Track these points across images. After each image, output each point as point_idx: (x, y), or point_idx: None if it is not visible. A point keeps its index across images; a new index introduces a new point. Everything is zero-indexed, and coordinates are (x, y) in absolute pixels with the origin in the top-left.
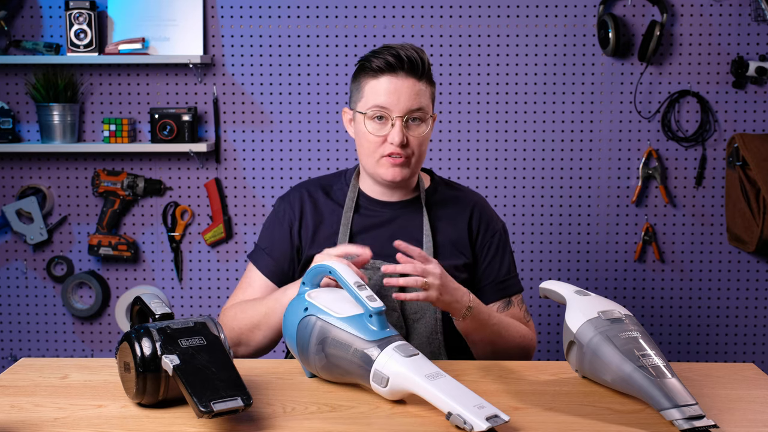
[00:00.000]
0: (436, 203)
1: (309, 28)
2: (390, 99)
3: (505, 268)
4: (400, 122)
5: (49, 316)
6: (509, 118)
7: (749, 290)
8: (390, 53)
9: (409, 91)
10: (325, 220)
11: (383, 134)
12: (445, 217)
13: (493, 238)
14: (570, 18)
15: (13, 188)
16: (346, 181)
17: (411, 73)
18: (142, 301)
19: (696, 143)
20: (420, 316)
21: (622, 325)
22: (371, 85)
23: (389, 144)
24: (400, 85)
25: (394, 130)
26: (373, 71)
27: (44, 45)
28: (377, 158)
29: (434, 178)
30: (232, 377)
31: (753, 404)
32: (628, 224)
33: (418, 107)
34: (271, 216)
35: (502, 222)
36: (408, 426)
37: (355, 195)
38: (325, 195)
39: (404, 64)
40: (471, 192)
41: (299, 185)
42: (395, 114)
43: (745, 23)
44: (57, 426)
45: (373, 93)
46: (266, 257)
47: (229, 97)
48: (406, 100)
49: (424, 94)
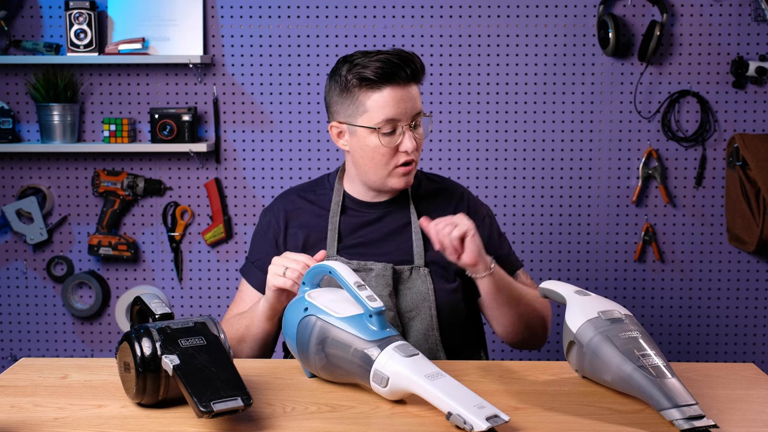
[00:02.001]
0: (421, 197)
1: (309, 28)
2: (399, 110)
3: (503, 247)
4: (409, 129)
5: (49, 316)
6: (509, 118)
7: (749, 290)
8: (384, 62)
9: (412, 97)
10: (312, 226)
11: (394, 145)
12: (432, 210)
13: (484, 222)
14: (570, 18)
15: (13, 188)
16: (329, 185)
17: (413, 78)
18: (142, 301)
19: (696, 143)
20: (416, 314)
21: (622, 325)
22: (374, 99)
23: (402, 153)
24: (405, 93)
25: (406, 139)
26: (370, 82)
27: (44, 45)
28: (390, 169)
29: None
30: (232, 377)
31: (753, 404)
32: (628, 224)
33: (420, 110)
34: (257, 229)
35: (487, 206)
36: (408, 426)
37: (340, 198)
38: (310, 202)
39: (403, 70)
40: (453, 183)
41: (282, 195)
42: (404, 122)
43: (745, 23)
44: (57, 426)
45: (378, 106)
46: (256, 271)
47: (229, 97)
48: (412, 107)
49: (419, 95)
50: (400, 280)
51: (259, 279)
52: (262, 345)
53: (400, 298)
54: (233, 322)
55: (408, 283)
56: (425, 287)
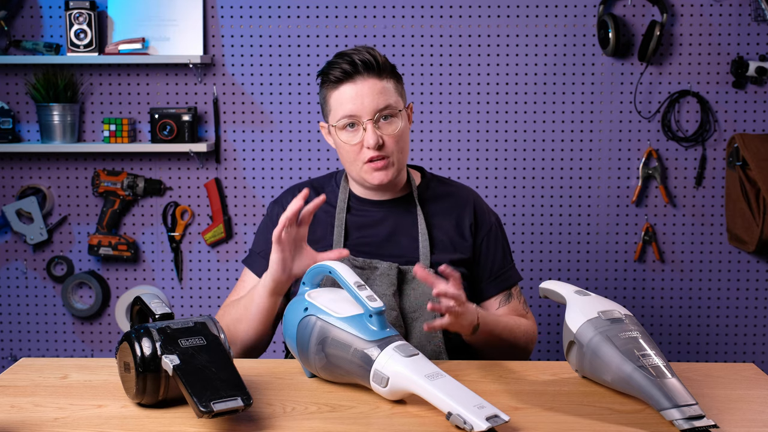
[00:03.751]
0: (428, 199)
1: (309, 28)
2: (354, 105)
3: (503, 259)
4: (371, 125)
5: (49, 316)
6: (509, 118)
7: (749, 290)
8: (344, 61)
9: (371, 92)
10: (319, 221)
11: (358, 141)
12: (439, 213)
13: (489, 231)
14: (570, 18)
15: (13, 188)
16: (336, 182)
17: (368, 73)
18: (142, 301)
19: (696, 143)
20: (419, 315)
21: (622, 325)
22: (335, 97)
23: (366, 149)
24: (360, 88)
25: (367, 134)
26: (332, 83)
27: (44, 45)
28: (360, 166)
29: (425, 175)
30: (232, 377)
31: (753, 404)
32: (628, 224)
33: (385, 105)
34: (264, 220)
35: (496, 214)
36: (408, 426)
37: (346, 196)
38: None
39: (358, 67)
40: (464, 187)
41: (291, 188)
42: (365, 118)
43: (745, 23)
44: (57, 426)
45: (337, 104)
46: (261, 260)
47: (229, 97)
48: (371, 102)
49: (388, 90)
50: (405, 280)
51: (263, 268)
52: (259, 325)
53: (404, 299)
54: (231, 306)
55: (412, 284)
56: (429, 288)
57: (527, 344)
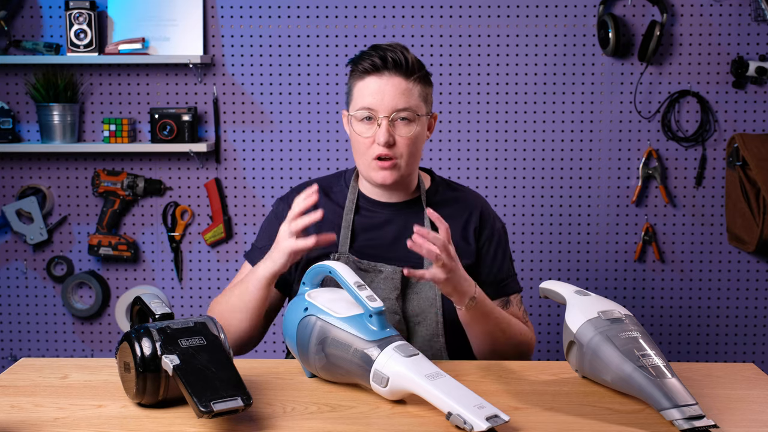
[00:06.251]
0: (436, 204)
1: (309, 28)
2: (374, 99)
3: (505, 268)
4: (386, 122)
5: (49, 316)
6: (509, 118)
7: (749, 290)
8: (376, 54)
9: (394, 90)
10: (325, 221)
11: (371, 135)
12: (445, 218)
13: (493, 238)
14: (570, 18)
15: (13, 188)
16: (345, 182)
17: (396, 72)
18: (142, 301)
19: (696, 143)
20: (422, 318)
21: (622, 325)
22: (359, 87)
23: (376, 145)
24: (384, 84)
25: (380, 130)
26: (360, 73)
27: (44, 45)
28: (368, 161)
29: (434, 179)
30: (232, 377)
31: (753, 404)
32: (628, 224)
33: (405, 106)
34: (269, 216)
35: (502, 222)
36: (408, 426)
37: (354, 196)
38: (325, 196)
39: (387, 63)
40: (472, 192)
41: (299, 186)
42: (381, 114)
43: (745, 23)
44: (57, 426)
45: (359, 94)
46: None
47: (229, 97)
48: (391, 100)
49: (411, 92)
50: (408, 284)
51: None
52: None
53: (407, 303)
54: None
55: (416, 288)
56: (432, 293)
57: (522, 345)
